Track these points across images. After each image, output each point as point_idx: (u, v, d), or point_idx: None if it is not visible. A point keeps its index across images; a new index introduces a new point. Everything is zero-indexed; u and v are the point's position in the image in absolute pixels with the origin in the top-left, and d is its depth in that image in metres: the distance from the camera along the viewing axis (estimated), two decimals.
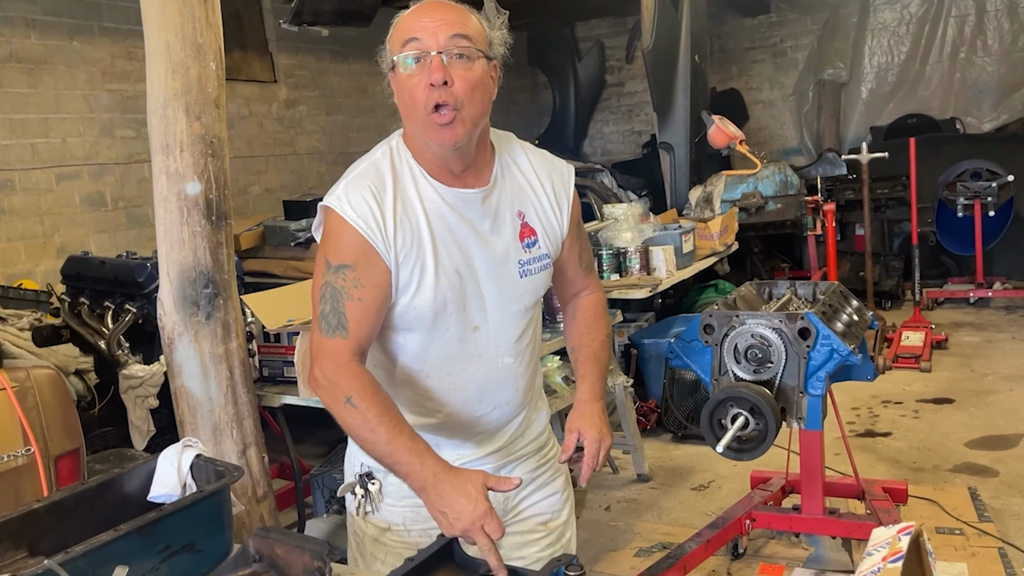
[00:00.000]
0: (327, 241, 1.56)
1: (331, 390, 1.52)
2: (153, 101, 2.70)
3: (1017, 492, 3.64)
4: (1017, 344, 5.89)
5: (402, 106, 1.55)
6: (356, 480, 1.72)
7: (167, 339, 2.78)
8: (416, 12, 1.52)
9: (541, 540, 1.81)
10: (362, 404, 1.49)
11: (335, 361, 1.52)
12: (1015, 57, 8.43)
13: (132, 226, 5.82)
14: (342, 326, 1.52)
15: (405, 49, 1.49)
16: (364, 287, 1.52)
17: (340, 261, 1.53)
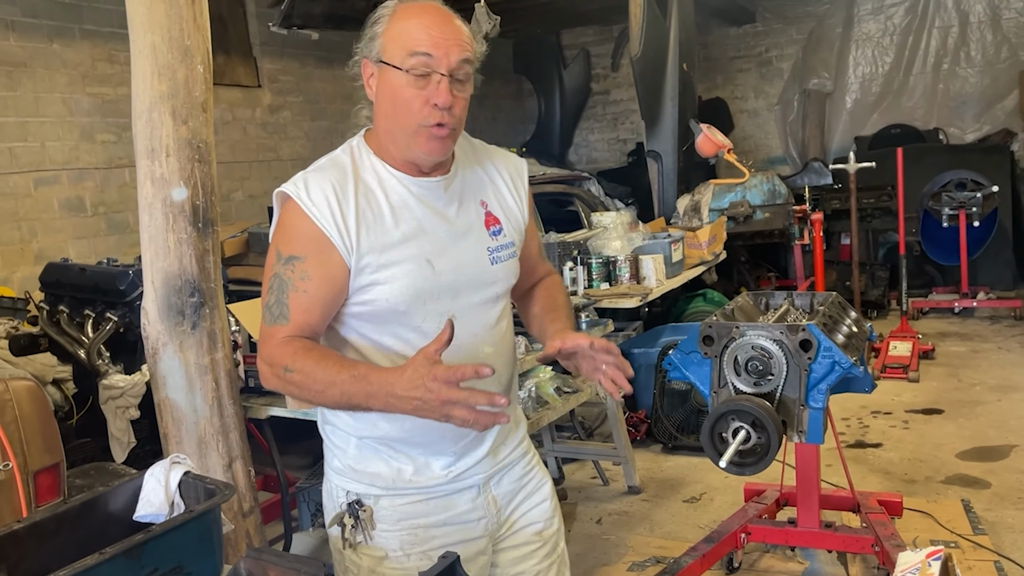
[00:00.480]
0: (281, 231, 1.54)
1: (272, 371, 1.50)
2: (138, 104, 2.63)
3: (1010, 504, 3.63)
4: (1003, 354, 5.90)
5: (385, 106, 1.52)
6: (344, 509, 1.63)
7: (151, 349, 2.70)
8: (426, 23, 1.48)
9: (538, 552, 1.76)
10: (297, 364, 1.46)
11: (272, 343, 1.51)
12: (998, 68, 8.50)
13: (112, 232, 5.71)
14: (283, 315, 1.50)
15: (413, 60, 1.47)
16: (311, 279, 1.50)
17: (291, 252, 1.51)
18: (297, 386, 1.47)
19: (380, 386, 1.40)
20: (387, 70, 1.49)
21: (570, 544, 3.59)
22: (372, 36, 1.53)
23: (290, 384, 1.48)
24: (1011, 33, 8.44)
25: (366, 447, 1.61)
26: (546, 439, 4.21)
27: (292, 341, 1.49)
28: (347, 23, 5.58)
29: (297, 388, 1.48)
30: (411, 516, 1.61)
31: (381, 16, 1.53)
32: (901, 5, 8.85)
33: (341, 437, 1.63)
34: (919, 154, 7.39)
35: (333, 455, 1.66)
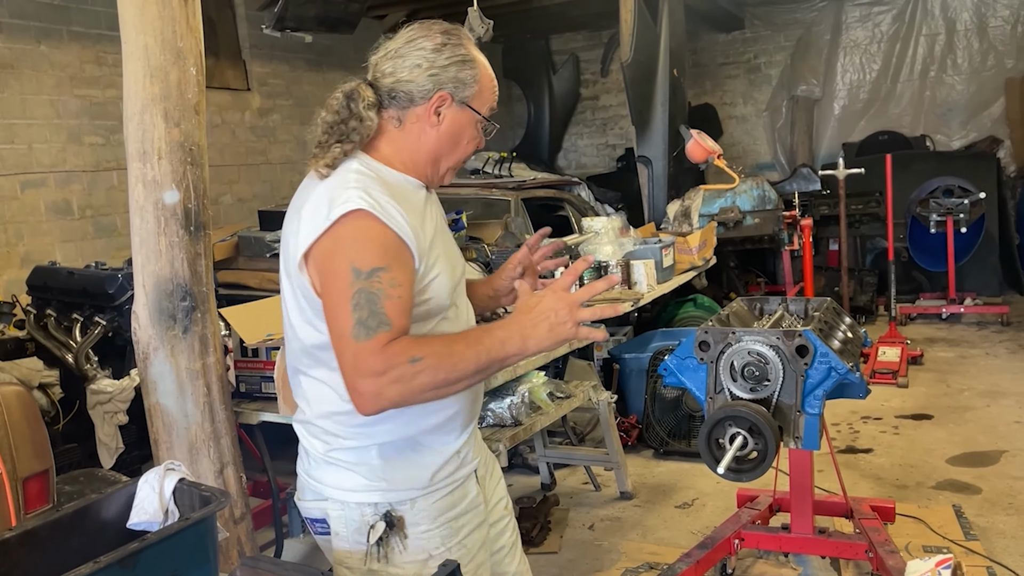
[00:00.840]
0: (352, 247, 1.47)
1: (392, 374, 1.41)
2: (130, 106, 2.60)
3: (1001, 510, 3.64)
4: (990, 360, 5.94)
5: (445, 139, 1.63)
6: (380, 519, 1.60)
7: (142, 354, 2.67)
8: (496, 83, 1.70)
9: (509, 524, 1.87)
10: (422, 350, 1.43)
11: (379, 351, 1.42)
12: (984, 76, 8.57)
13: (100, 235, 5.66)
14: (384, 323, 1.44)
15: (490, 114, 1.68)
16: (402, 285, 1.48)
17: (373, 265, 1.46)
18: (430, 370, 1.42)
19: (506, 327, 1.46)
20: (468, 112, 1.63)
21: (563, 550, 3.59)
22: (462, 80, 1.61)
23: (421, 373, 1.41)
24: (997, 41, 8.51)
25: (390, 452, 1.60)
26: (538, 444, 4.19)
27: (400, 340, 1.44)
28: (340, 26, 5.55)
29: (430, 373, 1.42)
30: (445, 510, 1.65)
31: (463, 59, 1.62)
32: (888, 12, 8.91)
33: (359, 453, 1.60)
34: (907, 161, 7.44)
35: (350, 474, 1.61)
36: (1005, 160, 8.35)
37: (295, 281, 1.56)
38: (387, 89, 1.62)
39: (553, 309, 1.44)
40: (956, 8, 8.64)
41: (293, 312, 1.60)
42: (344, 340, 1.44)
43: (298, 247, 1.53)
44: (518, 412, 3.35)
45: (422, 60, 1.59)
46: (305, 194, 1.60)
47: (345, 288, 1.45)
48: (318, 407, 1.62)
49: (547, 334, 1.44)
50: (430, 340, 1.48)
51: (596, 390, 3.92)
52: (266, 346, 2.99)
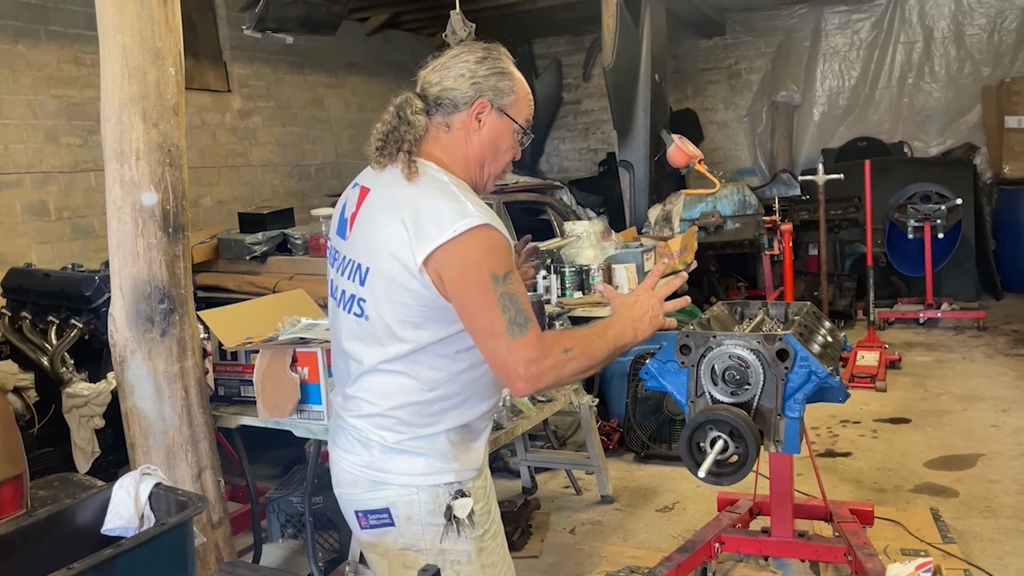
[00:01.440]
0: (486, 256, 1.64)
1: (549, 362, 1.63)
2: (107, 107, 2.58)
3: (978, 513, 3.67)
4: (967, 364, 6.00)
5: (487, 147, 1.80)
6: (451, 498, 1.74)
7: (118, 357, 2.63)
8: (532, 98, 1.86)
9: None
10: (570, 342, 1.67)
11: (536, 343, 1.63)
12: (961, 84, 8.67)
13: (77, 237, 5.60)
14: (529, 319, 1.64)
15: (527, 125, 1.84)
16: (521, 284, 1.69)
17: (506, 269, 1.65)
18: (578, 359, 1.67)
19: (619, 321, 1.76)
20: (506, 120, 1.80)
21: (544, 554, 3.58)
22: (501, 88, 1.78)
23: (572, 360, 1.66)
24: (974, 49, 8.62)
25: (455, 436, 1.76)
26: (519, 448, 4.18)
27: (548, 332, 1.70)
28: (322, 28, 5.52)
29: (578, 360, 1.67)
30: (486, 487, 1.84)
31: (503, 70, 1.79)
32: (867, 20, 9.00)
33: (433, 440, 1.74)
34: (885, 167, 7.51)
35: (424, 459, 1.73)
36: (981, 167, 8.45)
37: (403, 282, 1.66)
38: (434, 97, 1.78)
39: (650, 304, 1.79)
40: (934, 16, 8.73)
41: (388, 308, 1.69)
42: (498, 338, 1.63)
43: (415, 251, 1.63)
44: (499, 415, 3.33)
45: (465, 70, 1.77)
46: (398, 197, 1.70)
47: (488, 293, 1.63)
48: (397, 399, 1.72)
49: (649, 325, 1.78)
50: (572, 333, 1.73)
51: (578, 394, 3.91)
52: (245, 349, 2.96)
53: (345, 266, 1.77)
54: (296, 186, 7.54)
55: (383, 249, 1.67)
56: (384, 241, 1.67)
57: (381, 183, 1.76)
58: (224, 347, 2.98)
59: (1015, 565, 3.20)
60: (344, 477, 1.78)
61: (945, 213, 6.96)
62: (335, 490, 1.82)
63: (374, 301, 1.70)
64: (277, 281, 4.49)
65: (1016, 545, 3.35)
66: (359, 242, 1.74)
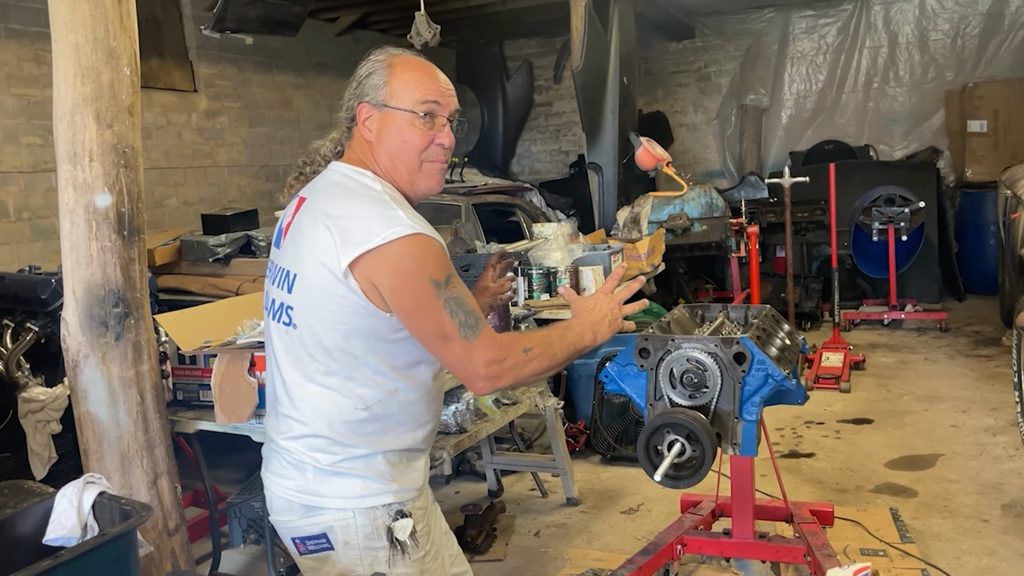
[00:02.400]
0: (423, 264, 1.62)
1: (509, 362, 1.64)
2: (60, 107, 2.54)
3: (936, 512, 3.72)
4: (929, 365, 6.08)
5: (392, 145, 1.73)
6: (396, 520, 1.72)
7: (71, 361, 2.59)
8: (431, 75, 1.76)
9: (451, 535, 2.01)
10: (529, 342, 1.69)
11: (493, 343, 1.64)
12: (925, 88, 8.80)
13: (37, 239, 5.50)
14: (479, 321, 1.65)
15: (422, 107, 1.73)
16: (464, 286, 1.68)
17: (446, 273, 1.64)
18: (538, 359, 1.68)
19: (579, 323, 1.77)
20: (394, 114, 1.72)
21: (508, 558, 3.57)
22: (373, 85, 1.74)
23: (531, 361, 1.67)
24: (937, 54, 8.75)
25: (394, 458, 1.73)
26: (485, 451, 4.17)
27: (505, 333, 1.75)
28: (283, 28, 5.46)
29: (538, 361, 1.68)
30: (424, 506, 1.81)
31: (376, 68, 1.75)
32: (834, 24, 9.10)
33: (366, 460, 1.70)
34: (851, 170, 7.60)
35: (360, 481, 1.69)
36: (944, 170, 8.58)
37: (329, 287, 1.62)
38: (339, 120, 1.82)
39: (609, 308, 1.80)
40: (898, 22, 8.85)
41: (314, 316, 1.65)
42: (452, 342, 1.63)
43: (340, 255, 1.60)
44: (463, 419, 3.32)
45: (351, 86, 1.78)
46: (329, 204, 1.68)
47: (433, 300, 1.61)
48: (330, 417, 1.68)
49: (608, 328, 1.79)
50: (532, 334, 1.74)
51: (543, 396, 3.91)
52: (204, 353, 2.93)
53: (276, 275, 1.75)
54: (264, 187, 7.47)
55: (310, 255, 1.64)
56: (311, 246, 1.64)
57: (315, 191, 1.76)
58: (182, 351, 2.94)
59: (972, 564, 3.25)
60: (277, 503, 1.73)
61: (909, 216, 7.05)
62: (270, 518, 1.77)
63: (301, 308, 1.67)
64: (241, 283, 4.45)
65: (973, 544, 3.40)
66: (288, 250, 1.73)
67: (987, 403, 5.11)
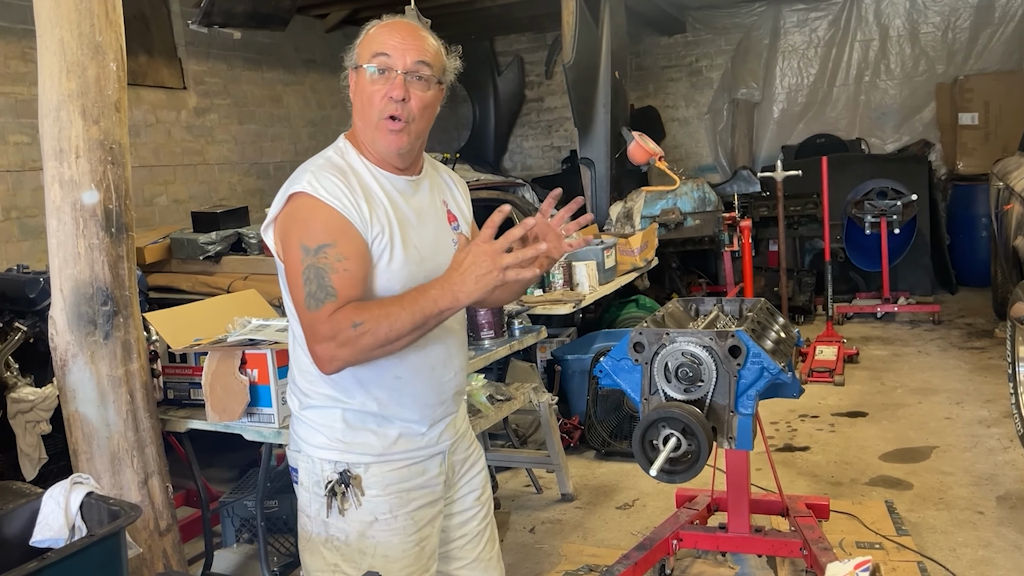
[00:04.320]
0: (300, 226, 1.65)
1: (339, 339, 1.58)
2: (45, 103, 2.50)
3: (931, 505, 3.72)
4: (922, 358, 6.08)
5: (357, 104, 1.75)
6: (336, 478, 1.76)
7: (59, 360, 2.56)
8: (389, 29, 1.73)
9: (477, 514, 2.01)
10: (362, 315, 1.58)
11: (327, 320, 1.59)
12: (916, 81, 8.81)
13: (25, 237, 5.45)
14: (330, 294, 1.61)
15: (373, 61, 1.70)
16: (349, 259, 1.63)
17: (319, 242, 1.62)
18: (371, 333, 1.57)
19: (439, 283, 1.58)
20: (359, 72, 1.72)
21: (504, 554, 3.55)
22: (353, 49, 1.76)
23: (363, 335, 1.57)
24: (928, 47, 8.75)
25: (353, 419, 1.76)
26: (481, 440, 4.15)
27: (344, 307, 1.60)
28: (271, 23, 5.41)
29: (371, 335, 1.57)
30: (397, 481, 1.79)
31: (360, 33, 1.77)
32: (825, 18, 9.10)
33: (326, 414, 1.77)
34: (843, 163, 7.60)
35: (315, 432, 1.79)
36: (936, 163, 8.59)
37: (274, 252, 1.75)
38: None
39: (475, 262, 1.55)
40: (889, 15, 8.85)
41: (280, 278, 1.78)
42: (301, 311, 1.64)
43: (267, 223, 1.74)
44: None
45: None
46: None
47: (297, 264, 1.63)
48: (297, 368, 1.81)
49: (474, 285, 1.56)
50: (369, 305, 1.61)
51: (537, 392, 3.89)
52: (194, 351, 2.90)
53: None
54: (255, 184, 7.43)
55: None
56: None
57: None
58: (171, 349, 2.91)
59: (968, 556, 3.25)
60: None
61: (901, 209, 7.05)
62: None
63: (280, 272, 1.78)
64: (231, 281, 4.42)
65: (968, 536, 3.40)
66: None
67: (981, 395, 5.12)
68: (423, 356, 1.78)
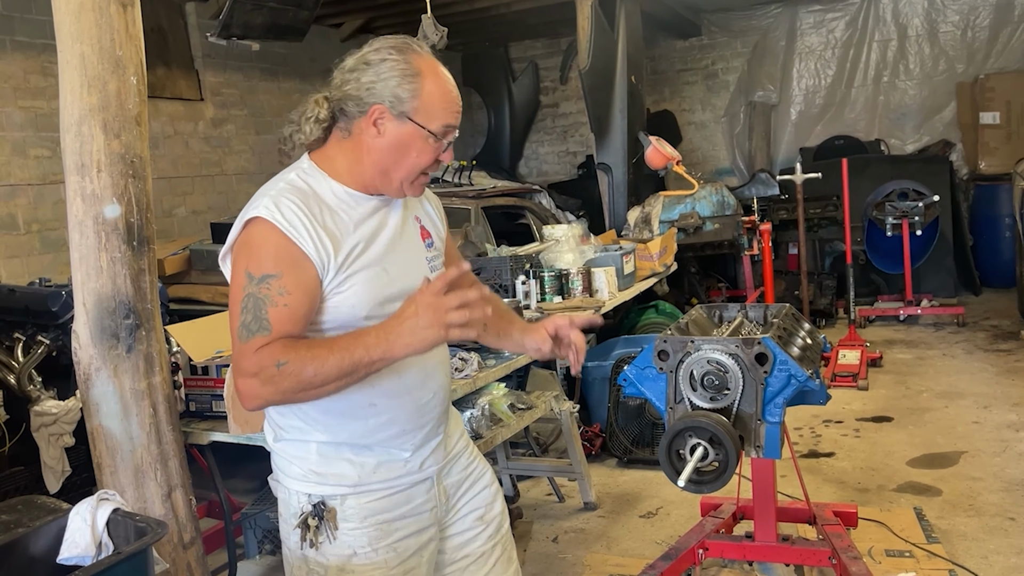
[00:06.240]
0: (249, 253, 1.58)
1: (262, 376, 1.51)
2: (67, 117, 2.51)
3: (961, 511, 3.66)
4: (947, 361, 6.01)
5: (391, 151, 1.65)
6: (309, 511, 1.70)
7: (83, 374, 2.56)
8: (455, 96, 1.68)
9: (481, 534, 1.90)
10: (288, 354, 1.51)
11: (254, 353, 1.52)
12: (935, 81, 8.72)
13: (47, 251, 5.49)
14: (264, 328, 1.53)
15: (445, 131, 1.66)
16: (291, 293, 1.56)
17: (264, 271, 1.56)
18: (295, 376, 1.50)
19: (377, 331, 1.51)
20: (410, 125, 1.63)
21: (526, 564, 3.53)
22: (398, 93, 1.62)
23: (287, 377, 1.50)
24: (948, 46, 8.67)
25: (328, 450, 1.69)
26: (500, 457, 4.13)
27: (273, 343, 1.52)
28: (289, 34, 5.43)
29: (295, 378, 1.50)
30: (376, 512, 1.70)
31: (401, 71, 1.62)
32: (842, 19, 9.03)
33: (299, 446, 1.71)
34: (862, 165, 7.53)
35: (290, 464, 1.73)
36: (957, 163, 8.49)
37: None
38: (336, 100, 1.69)
39: (417, 314, 1.49)
40: (907, 14, 8.78)
41: None
42: (232, 339, 1.57)
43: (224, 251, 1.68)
44: (479, 425, 3.29)
45: (364, 74, 1.65)
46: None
47: (239, 291, 1.56)
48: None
49: (410, 337, 1.49)
50: (298, 345, 1.53)
51: (558, 400, 3.87)
52: (216, 363, 2.89)
53: None
54: None
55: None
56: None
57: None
58: (194, 362, 2.91)
59: (1000, 564, 3.19)
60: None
61: (922, 210, 6.98)
62: None
63: None
64: None
65: (1000, 543, 3.34)
66: None
67: (1008, 398, 5.04)
68: (397, 380, 1.69)
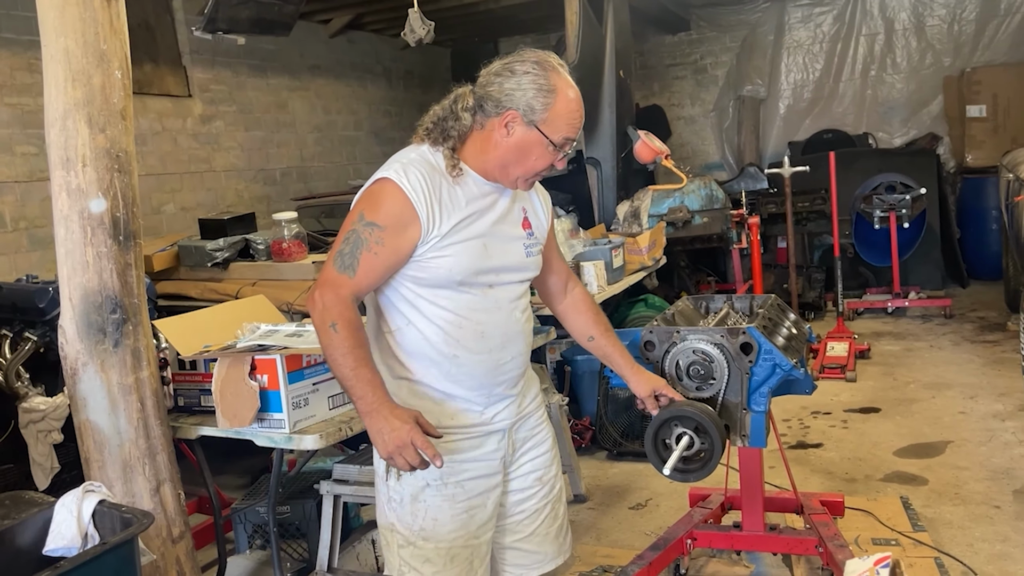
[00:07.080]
0: (370, 200, 1.87)
1: (323, 313, 1.81)
2: (51, 112, 2.50)
3: (947, 500, 3.69)
4: (935, 352, 6.05)
5: (515, 151, 1.91)
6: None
7: (69, 369, 2.56)
8: (580, 113, 1.93)
9: (537, 492, 2.13)
10: (343, 333, 1.79)
11: (336, 292, 1.82)
12: (923, 75, 8.77)
13: (34, 248, 5.47)
14: (352, 267, 1.83)
15: (563, 140, 1.91)
16: (384, 246, 1.84)
17: (374, 219, 1.84)
18: (330, 344, 1.79)
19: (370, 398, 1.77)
20: (536, 133, 1.88)
21: None
22: (532, 104, 1.86)
23: (328, 337, 1.80)
24: (935, 40, 8.71)
25: (417, 388, 1.95)
26: None
27: (351, 309, 1.81)
28: (275, 29, 5.41)
29: (328, 344, 1.80)
30: (450, 452, 1.91)
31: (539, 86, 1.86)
32: (829, 13, 9.07)
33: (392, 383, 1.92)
34: (850, 158, 7.56)
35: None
36: (944, 156, 8.54)
37: None
38: (479, 97, 1.93)
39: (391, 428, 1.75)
40: (894, 8, 8.82)
41: None
42: (328, 259, 1.86)
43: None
44: None
45: (507, 81, 1.89)
46: None
47: (349, 224, 1.86)
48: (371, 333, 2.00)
49: (373, 429, 1.77)
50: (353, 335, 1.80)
51: (548, 393, 3.88)
52: (204, 358, 2.89)
53: None
54: (261, 191, 7.44)
55: None
56: None
57: None
58: (181, 356, 2.91)
59: (985, 551, 3.22)
60: None
61: (910, 203, 7.01)
62: None
63: None
64: (240, 287, 4.41)
65: (985, 531, 3.37)
66: None
67: (994, 389, 5.08)
68: (481, 339, 1.93)
